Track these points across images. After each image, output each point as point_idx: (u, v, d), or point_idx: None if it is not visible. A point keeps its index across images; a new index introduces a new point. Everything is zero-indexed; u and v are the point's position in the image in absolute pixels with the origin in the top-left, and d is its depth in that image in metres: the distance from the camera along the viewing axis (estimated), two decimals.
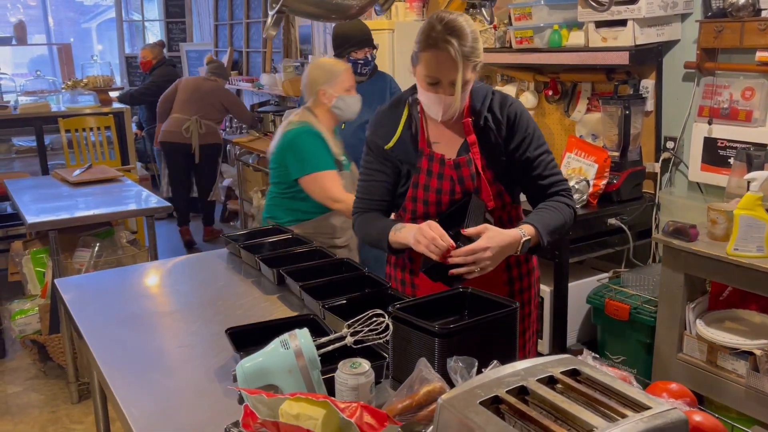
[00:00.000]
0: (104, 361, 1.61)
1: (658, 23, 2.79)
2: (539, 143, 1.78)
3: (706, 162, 2.78)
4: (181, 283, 2.22)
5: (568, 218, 1.76)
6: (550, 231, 1.71)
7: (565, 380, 1.03)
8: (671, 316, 2.45)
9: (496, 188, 1.79)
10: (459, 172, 1.77)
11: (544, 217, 1.72)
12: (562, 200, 1.77)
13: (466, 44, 1.62)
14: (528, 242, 1.66)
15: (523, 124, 1.77)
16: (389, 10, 3.91)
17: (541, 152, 1.78)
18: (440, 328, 1.23)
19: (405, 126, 1.82)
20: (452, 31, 1.61)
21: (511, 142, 1.77)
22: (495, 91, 1.82)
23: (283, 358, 1.18)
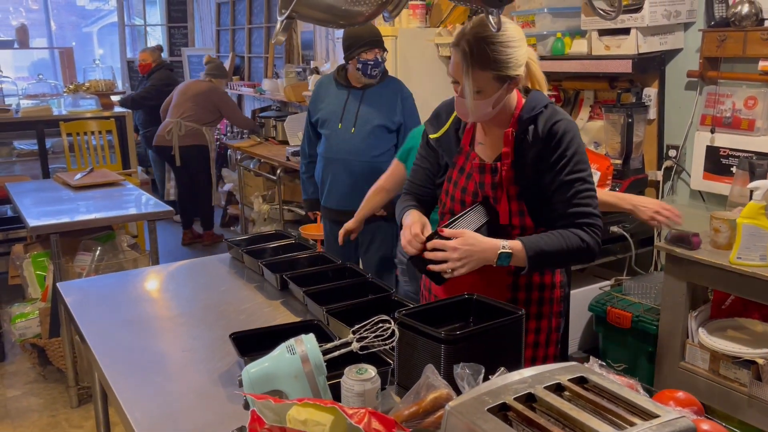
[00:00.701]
0: (107, 364, 1.61)
1: (661, 32, 2.80)
2: (577, 169, 1.63)
3: (709, 170, 2.79)
4: (183, 287, 2.22)
5: (573, 248, 1.61)
6: (539, 253, 1.60)
7: (572, 387, 1.03)
8: (673, 324, 2.45)
9: (517, 206, 1.70)
10: (482, 176, 1.72)
11: (539, 239, 1.62)
12: (576, 231, 1.63)
13: (484, 52, 1.55)
14: (507, 256, 1.58)
15: (564, 144, 1.63)
16: (400, 19, 3.93)
17: (575, 179, 1.63)
18: (446, 335, 1.22)
19: (455, 121, 1.81)
20: (476, 36, 1.56)
21: (545, 160, 1.65)
22: (550, 105, 1.70)
23: (290, 363, 1.18)
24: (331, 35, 5.46)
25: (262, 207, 5.27)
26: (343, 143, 3.06)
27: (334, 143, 3.09)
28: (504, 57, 1.57)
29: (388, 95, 3.09)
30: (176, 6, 8.11)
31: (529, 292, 1.77)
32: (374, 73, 3.05)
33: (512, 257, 1.58)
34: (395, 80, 3.19)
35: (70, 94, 5.60)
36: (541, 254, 1.60)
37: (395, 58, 3.72)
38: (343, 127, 3.07)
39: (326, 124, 3.12)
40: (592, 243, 1.63)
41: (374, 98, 3.08)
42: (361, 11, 1.11)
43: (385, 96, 3.09)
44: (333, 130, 3.10)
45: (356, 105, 3.08)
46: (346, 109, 3.08)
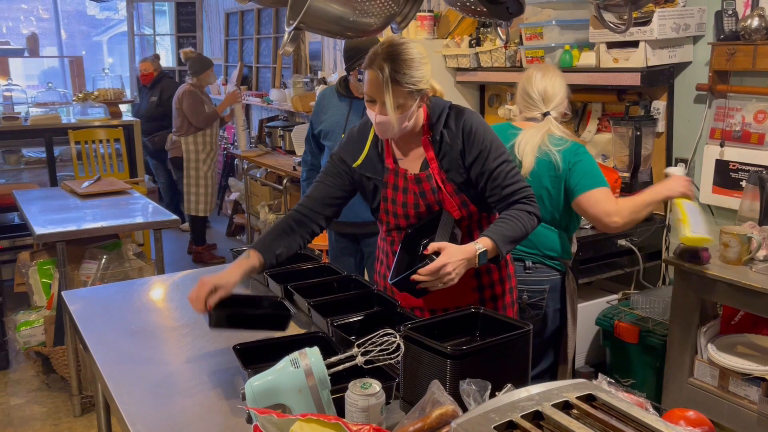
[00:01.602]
0: (110, 375, 1.60)
1: (670, 45, 2.78)
2: (498, 154, 1.82)
3: (718, 184, 2.76)
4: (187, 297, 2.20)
5: (528, 225, 1.80)
6: (509, 241, 1.75)
7: (581, 406, 1.01)
8: (682, 339, 2.42)
9: (459, 199, 1.86)
10: (420, 186, 1.86)
11: (502, 228, 1.76)
12: (522, 208, 1.80)
13: (400, 70, 1.70)
14: (484, 254, 1.70)
15: (479, 136, 1.82)
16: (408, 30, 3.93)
17: (499, 162, 1.82)
18: (453, 350, 1.21)
19: (372, 144, 1.93)
20: (390, 55, 1.71)
21: (468, 155, 1.83)
22: (453, 106, 1.88)
23: (293, 377, 1.16)
24: (339, 46, 5.47)
25: (268, 216, 5.26)
26: None
27: None
28: (416, 72, 1.73)
29: None
30: (185, 16, 8.16)
31: (493, 288, 1.98)
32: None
33: (488, 253, 1.72)
34: None
35: (78, 103, 5.62)
36: (508, 241, 1.76)
37: None
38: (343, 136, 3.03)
39: (329, 136, 3.10)
40: (536, 211, 1.83)
41: None
42: (369, 23, 1.10)
43: None
44: (335, 142, 3.07)
45: (358, 116, 3.03)
46: (349, 121, 3.04)
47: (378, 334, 1.29)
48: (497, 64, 3.46)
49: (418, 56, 1.74)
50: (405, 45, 1.74)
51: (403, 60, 1.71)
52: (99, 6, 9.98)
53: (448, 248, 1.67)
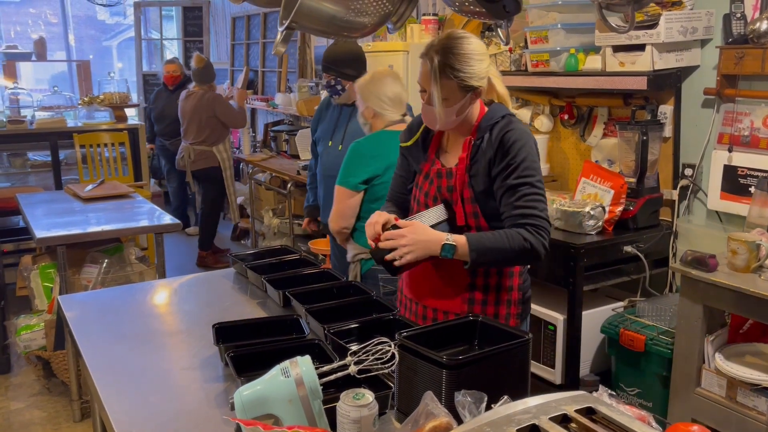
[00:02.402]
0: (102, 381, 1.57)
1: (677, 48, 2.74)
2: (525, 174, 1.74)
3: (726, 190, 2.71)
4: (186, 302, 2.18)
5: (515, 247, 1.70)
6: (482, 249, 1.70)
7: (579, 419, 0.97)
8: (689, 348, 2.37)
9: (472, 208, 1.81)
10: (440, 181, 1.86)
11: (483, 237, 1.73)
12: (520, 231, 1.71)
13: (450, 63, 1.70)
14: (450, 248, 1.68)
15: (514, 151, 1.75)
16: (404, 31, 3.90)
17: (522, 183, 1.74)
18: (448, 360, 1.17)
19: (423, 131, 1.95)
20: (444, 47, 1.71)
21: (495, 166, 1.77)
22: (507, 116, 1.82)
23: (284, 386, 1.13)
24: None
25: (272, 221, 5.24)
26: (334, 159, 2.98)
27: (326, 160, 3.04)
28: (467, 68, 1.72)
29: None
30: (192, 21, 8.18)
31: (486, 293, 1.87)
32: (333, 95, 3.11)
33: (456, 250, 1.69)
34: None
35: (84, 106, 5.63)
36: (483, 250, 1.70)
37: (407, 73, 3.69)
38: (333, 144, 3.03)
39: (320, 142, 3.11)
40: (536, 243, 1.71)
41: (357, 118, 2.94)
42: (364, 22, 1.07)
43: None
44: (325, 147, 3.07)
45: (346, 122, 3.05)
46: (338, 126, 3.06)
47: (372, 342, 1.25)
48: (502, 68, 3.43)
49: (473, 52, 1.72)
50: (462, 39, 1.72)
51: (456, 53, 1.70)
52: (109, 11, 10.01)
53: (416, 225, 1.70)
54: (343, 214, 2.54)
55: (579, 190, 2.98)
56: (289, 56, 6.18)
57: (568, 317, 2.75)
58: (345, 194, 2.52)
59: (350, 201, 2.52)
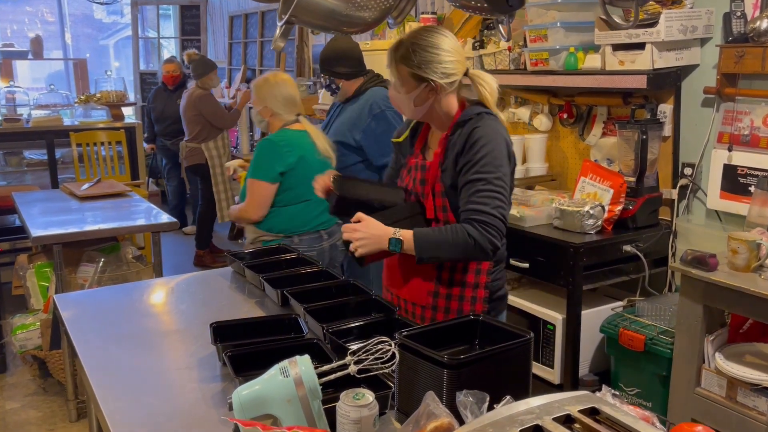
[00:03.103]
0: (97, 381, 1.55)
1: (677, 47, 2.73)
2: (483, 170, 1.77)
3: (726, 189, 2.70)
4: (183, 301, 2.16)
5: (459, 242, 1.74)
6: (426, 244, 1.77)
7: (583, 420, 0.96)
8: (689, 348, 2.36)
9: (441, 202, 1.87)
10: (416, 173, 1.94)
11: (430, 233, 1.80)
12: (466, 226, 1.75)
13: (411, 51, 1.75)
14: (397, 242, 1.77)
15: (477, 147, 1.79)
16: (403, 29, 3.89)
17: (478, 179, 1.77)
18: (449, 359, 1.16)
19: (413, 128, 2.05)
20: (411, 36, 1.77)
21: (461, 160, 1.83)
22: (482, 113, 1.85)
23: (282, 386, 1.11)
24: None
25: None
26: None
27: None
28: (419, 58, 1.75)
29: (359, 111, 3.00)
30: (190, 19, 8.15)
31: (450, 287, 1.91)
32: (332, 94, 3.21)
33: (403, 244, 1.77)
34: (375, 94, 3.04)
35: (81, 105, 5.60)
36: (427, 245, 1.77)
37: None
38: None
39: None
40: (480, 239, 1.74)
41: (348, 113, 3.04)
42: (364, 17, 1.06)
43: (356, 111, 3.01)
44: None
45: (334, 119, 3.13)
46: (328, 123, 3.17)
47: (372, 341, 1.23)
48: (501, 66, 3.42)
49: (433, 45, 1.75)
50: (430, 31, 1.78)
51: (419, 44, 1.75)
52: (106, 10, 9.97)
53: (369, 220, 1.80)
54: (262, 205, 2.75)
55: (578, 189, 2.97)
56: (287, 55, 6.16)
57: (567, 317, 2.74)
58: (263, 186, 2.72)
59: (268, 192, 2.73)
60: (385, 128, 2.93)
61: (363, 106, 3.00)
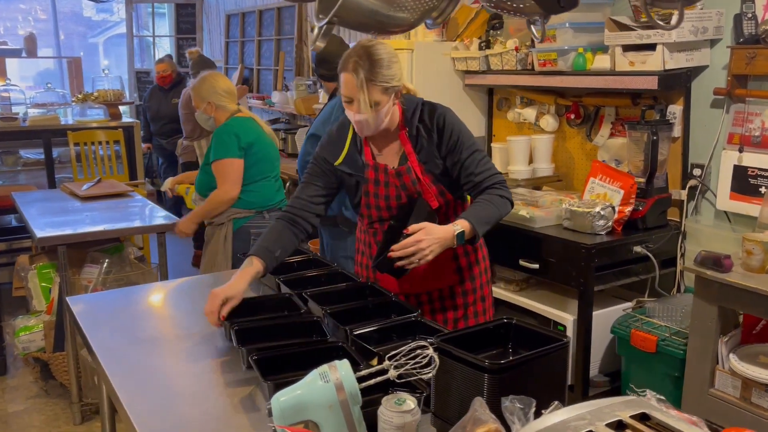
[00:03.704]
0: (121, 385, 1.53)
1: (688, 48, 2.73)
2: (469, 144, 1.96)
3: (736, 190, 2.71)
4: (197, 303, 2.12)
5: (502, 208, 1.93)
6: (484, 222, 1.88)
7: (635, 425, 0.95)
8: (703, 349, 2.36)
9: (437, 188, 2.00)
10: (401, 180, 1.99)
11: (477, 211, 1.90)
12: (495, 192, 1.93)
13: (373, 69, 1.83)
14: (462, 234, 1.83)
15: (449, 129, 1.96)
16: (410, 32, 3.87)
17: (471, 152, 1.96)
18: (491, 363, 1.14)
19: (351, 143, 2.05)
20: (363, 56, 1.84)
21: (443, 147, 1.97)
22: (425, 102, 2.02)
23: (323, 392, 1.09)
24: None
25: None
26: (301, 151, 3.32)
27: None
28: (389, 71, 1.86)
29: (331, 108, 3.14)
30: (185, 17, 8.10)
31: (471, 270, 2.11)
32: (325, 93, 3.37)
33: (465, 234, 1.85)
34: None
35: (78, 104, 5.55)
36: (484, 222, 1.89)
37: (411, 72, 3.65)
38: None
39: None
40: (509, 196, 1.97)
41: (326, 109, 3.21)
42: (405, 17, 1.04)
43: (329, 107, 3.17)
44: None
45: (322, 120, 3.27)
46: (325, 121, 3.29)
47: (410, 346, 1.22)
48: (508, 67, 3.41)
49: (388, 56, 1.87)
50: (376, 46, 1.87)
51: (375, 60, 1.84)
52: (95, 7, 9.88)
53: (427, 227, 1.81)
54: (237, 180, 2.96)
55: (588, 190, 2.97)
56: (286, 54, 6.13)
57: (578, 318, 2.74)
58: (233, 162, 2.95)
59: (238, 166, 2.97)
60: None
61: (335, 104, 3.17)
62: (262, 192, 3.06)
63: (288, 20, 6.12)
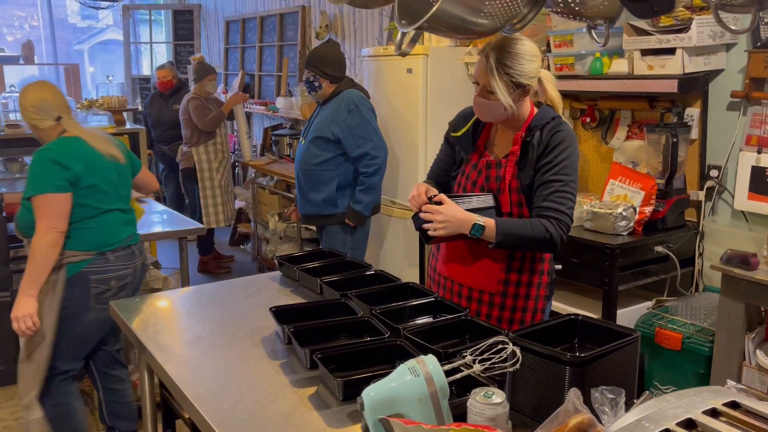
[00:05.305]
0: (185, 383, 1.55)
1: (705, 52, 2.80)
2: (562, 173, 1.91)
3: (754, 191, 2.78)
4: (244, 305, 2.14)
5: (538, 236, 1.87)
6: (508, 234, 1.87)
7: (729, 412, 0.99)
8: (730, 346, 2.42)
9: (517, 197, 1.98)
10: (489, 171, 2.02)
11: (511, 222, 1.90)
12: (543, 221, 1.88)
13: (503, 60, 1.86)
14: (480, 228, 1.85)
15: (557, 150, 1.92)
16: (423, 35, 3.92)
17: (556, 179, 1.90)
18: (572, 357, 1.18)
19: (474, 124, 2.10)
20: (498, 45, 1.88)
21: (540, 162, 1.94)
22: (557, 117, 1.99)
23: (414, 385, 1.13)
24: (348, 54, 5.45)
25: (277, 225, 5.21)
26: (299, 153, 3.47)
27: (297, 154, 3.50)
28: (518, 66, 1.87)
29: (336, 108, 3.37)
30: (183, 24, 8.10)
31: (520, 274, 2.04)
32: (311, 91, 3.47)
33: (484, 231, 1.86)
34: (349, 94, 3.41)
35: (83, 110, 5.53)
36: (509, 234, 1.88)
37: (426, 77, 3.70)
38: (301, 138, 3.50)
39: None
40: (555, 235, 1.88)
41: (326, 111, 3.41)
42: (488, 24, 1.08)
43: (333, 109, 3.38)
44: (299, 142, 3.54)
45: (314, 119, 3.46)
46: (309, 122, 3.49)
47: (489, 342, 1.26)
48: None
49: (526, 53, 1.88)
50: (516, 40, 1.87)
51: (509, 52, 1.86)
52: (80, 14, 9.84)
53: (451, 203, 1.87)
54: (62, 216, 2.41)
55: (607, 192, 3.02)
56: (289, 60, 6.15)
57: (603, 317, 2.79)
58: (50, 200, 2.40)
59: (61, 200, 2.42)
60: (359, 122, 3.33)
61: (339, 104, 3.38)
62: (102, 228, 2.55)
63: (291, 26, 6.15)
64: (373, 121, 3.42)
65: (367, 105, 3.42)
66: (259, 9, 6.76)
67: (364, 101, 3.43)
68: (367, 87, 4.18)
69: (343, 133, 3.32)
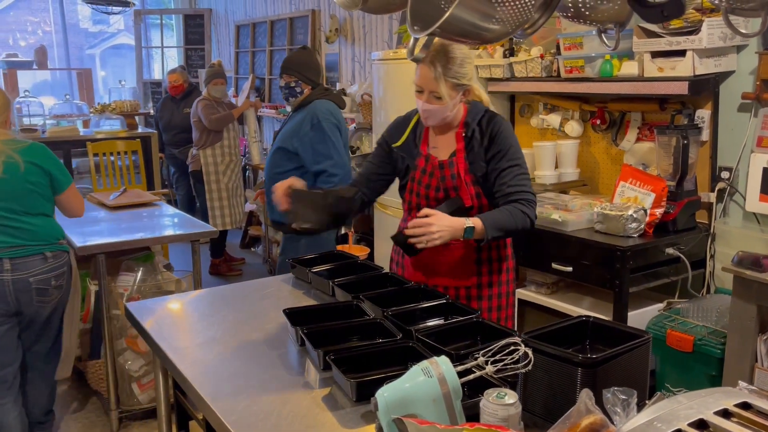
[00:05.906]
0: (201, 384, 1.57)
1: (716, 54, 2.80)
2: (513, 157, 2.09)
3: (766, 192, 2.77)
4: (256, 307, 2.16)
5: (519, 222, 2.02)
6: (497, 228, 1.98)
7: (741, 413, 1.00)
8: (742, 348, 2.42)
9: (474, 190, 2.13)
10: (443, 172, 2.14)
11: (494, 216, 2.01)
12: (518, 207, 2.03)
13: (449, 65, 2.02)
14: (471, 229, 1.94)
15: (501, 139, 2.10)
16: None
17: (511, 165, 2.08)
18: (584, 358, 1.19)
19: (412, 130, 2.24)
20: (441, 52, 2.01)
21: (489, 152, 2.11)
22: (488, 110, 2.18)
23: (427, 386, 1.14)
24: (357, 57, 5.48)
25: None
26: (267, 159, 3.36)
27: (267, 159, 3.39)
28: (460, 69, 2.04)
29: (301, 120, 3.19)
30: (194, 28, 8.15)
31: (491, 264, 2.22)
32: (285, 96, 3.37)
33: (474, 230, 1.96)
34: (317, 106, 3.20)
35: (96, 114, 5.60)
36: (497, 227, 1.99)
37: None
38: (270, 143, 3.46)
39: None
40: (531, 214, 2.05)
41: (293, 121, 3.27)
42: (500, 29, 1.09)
43: (299, 120, 3.21)
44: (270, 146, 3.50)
45: (285, 125, 3.36)
46: (280, 128, 3.39)
47: (501, 343, 1.27)
48: (532, 74, 3.47)
49: (465, 57, 2.05)
50: (453, 45, 2.01)
51: (452, 57, 2.02)
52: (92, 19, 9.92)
53: (438, 214, 1.94)
54: None
55: (618, 194, 3.02)
56: None
57: (614, 319, 2.79)
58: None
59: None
60: (321, 138, 3.15)
61: (305, 117, 3.22)
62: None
63: (301, 30, 6.19)
64: (335, 137, 3.18)
65: (331, 120, 3.18)
66: (269, 13, 6.80)
67: (329, 116, 3.20)
68: (377, 90, 4.21)
69: (304, 147, 3.13)
